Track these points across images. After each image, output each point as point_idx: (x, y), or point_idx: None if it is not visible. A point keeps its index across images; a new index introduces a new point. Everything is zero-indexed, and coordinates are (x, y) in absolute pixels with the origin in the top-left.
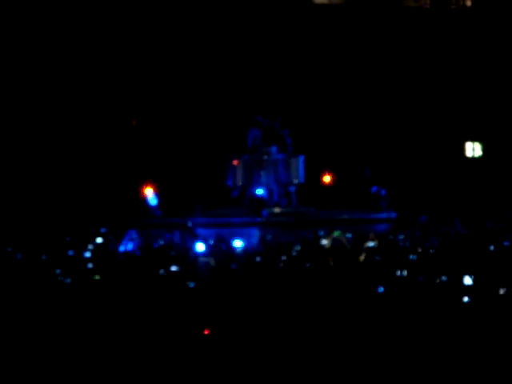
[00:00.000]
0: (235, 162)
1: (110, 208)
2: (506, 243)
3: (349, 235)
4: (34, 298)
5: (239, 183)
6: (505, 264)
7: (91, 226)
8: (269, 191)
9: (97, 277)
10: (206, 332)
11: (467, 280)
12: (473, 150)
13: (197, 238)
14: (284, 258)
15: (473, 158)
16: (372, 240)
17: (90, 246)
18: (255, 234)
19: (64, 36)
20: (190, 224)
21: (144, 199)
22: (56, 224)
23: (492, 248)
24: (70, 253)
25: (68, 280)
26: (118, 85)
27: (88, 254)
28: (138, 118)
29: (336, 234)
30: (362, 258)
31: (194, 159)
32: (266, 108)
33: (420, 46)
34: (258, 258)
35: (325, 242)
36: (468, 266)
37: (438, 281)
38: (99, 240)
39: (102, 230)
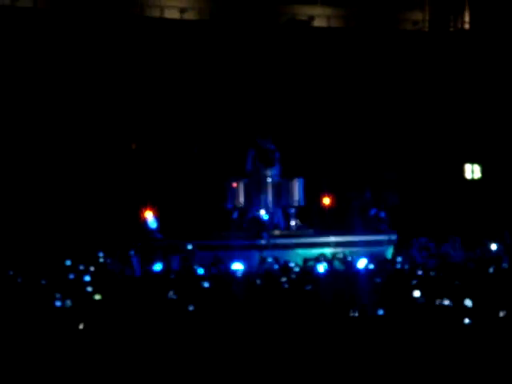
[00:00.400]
0: (235, 185)
1: (109, 231)
2: (504, 265)
3: (348, 257)
4: (34, 322)
5: (239, 205)
6: (504, 286)
7: (91, 250)
8: (269, 213)
9: (97, 296)
10: (207, 351)
11: (468, 302)
12: (472, 171)
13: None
14: (284, 279)
15: (472, 180)
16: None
17: (90, 269)
18: (255, 256)
19: (68, 65)
20: (190, 247)
21: (144, 222)
22: (56, 247)
23: (491, 270)
24: (71, 276)
25: (68, 303)
26: (118, 108)
27: (88, 278)
28: (138, 141)
29: (338, 255)
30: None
31: (194, 182)
32: (266, 130)
33: (418, 68)
34: (257, 281)
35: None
36: (468, 288)
37: (438, 303)
38: (99, 263)
39: (100, 254)
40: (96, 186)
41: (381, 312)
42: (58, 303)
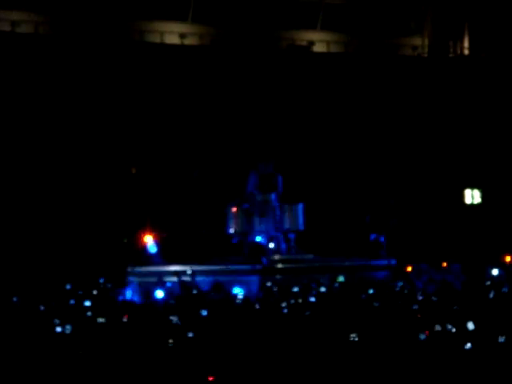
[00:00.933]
0: (234, 210)
1: (109, 256)
2: (504, 289)
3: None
4: (34, 348)
5: (239, 230)
6: (504, 311)
7: (90, 275)
8: (268, 238)
9: (101, 319)
10: (210, 378)
11: (469, 326)
12: (472, 197)
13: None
14: (284, 305)
15: (472, 205)
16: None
17: (90, 295)
18: (255, 281)
19: (69, 91)
20: (189, 271)
21: (143, 247)
22: (55, 272)
23: (492, 295)
24: (71, 302)
25: (68, 328)
26: (118, 133)
27: (88, 303)
28: (138, 166)
29: (339, 279)
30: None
31: (194, 207)
32: (266, 155)
33: (418, 94)
34: (257, 305)
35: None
36: (468, 314)
37: (439, 328)
38: (99, 288)
39: (101, 280)
40: (96, 210)
41: (382, 336)
42: (58, 329)
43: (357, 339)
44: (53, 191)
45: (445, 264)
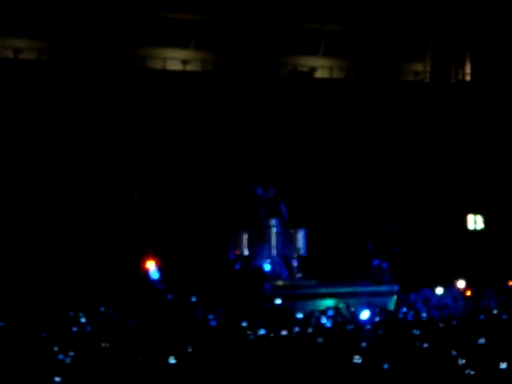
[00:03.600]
0: (237, 235)
1: (112, 282)
2: (504, 316)
3: (351, 308)
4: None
5: (241, 256)
6: (503, 337)
7: (93, 301)
8: (271, 264)
9: (105, 344)
10: None
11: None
12: (475, 222)
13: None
14: (285, 333)
15: (475, 231)
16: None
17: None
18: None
19: (71, 117)
20: (193, 299)
21: (146, 273)
22: (57, 298)
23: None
24: (74, 329)
25: (69, 355)
26: (120, 159)
27: (89, 328)
28: (140, 192)
29: (340, 305)
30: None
31: (196, 233)
32: (268, 181)
33: (420, 119)
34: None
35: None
36: (468, 340)
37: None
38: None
39: (101, 309)
40: (98, 236)
41: (385, 364)
42: (61, 356)
43: (360, 361)
44: (56, 218)
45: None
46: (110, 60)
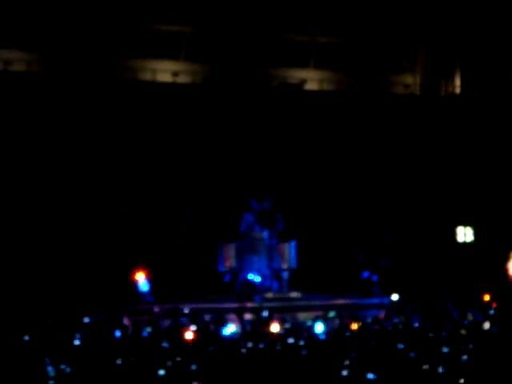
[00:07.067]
0: (226, 247)
1: (100, 293)
2: (494, 329)
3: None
4: None
5: (231, 268)
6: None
7: (81, 312)
8: (261, 276)
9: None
10: None
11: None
12: (464, 234)
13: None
14: (279, 347)
15: (464, 243)
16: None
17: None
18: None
19: (60, 129)
20: (186, 310)
21: (135, 284)
22: (45, 311)
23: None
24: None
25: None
26: (110, 171)
27: (77, 342)
28: (130, 204)
29: (330, 315)
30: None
31: (186, 244)
32: (259, 192)
33: (410, 132)
34: (249, 344)
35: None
36: (460, 352)
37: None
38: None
39: (87, 319)
40: (87, 248)
41: (371, 376)
42: (50, 368)
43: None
44: (45, 230)
45: (437, 302)
46: (99, 72)
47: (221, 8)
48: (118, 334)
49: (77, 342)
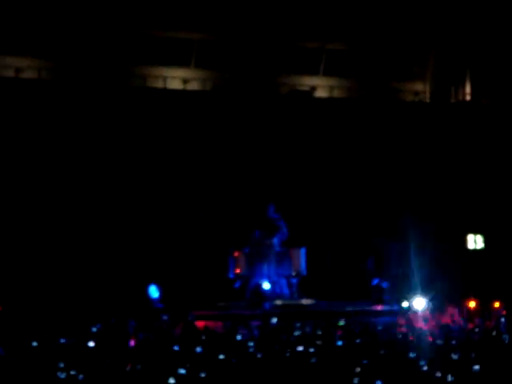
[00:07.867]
0: (236, 254)
1: (110, 300)
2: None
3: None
4: None
5: (241, 275)
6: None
7: (92, 319)
8: (271, 283)
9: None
10: None
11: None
12: (475, 242)
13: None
14: (288, 354)
15: (475, 251)
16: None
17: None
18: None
19: (71, 136)
20: (190, 318)
21: (145, 291)
22: (55, 319)
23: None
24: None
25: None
26: (122, 178)
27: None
28: (141, 211)
29: (340, 323)
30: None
31: (196, 251)
32: (268, 199)
33: (419, 139)
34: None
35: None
36: (468, 361)
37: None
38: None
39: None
40: (98, 255)
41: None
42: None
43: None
44: (55, 240)
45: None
46: (110, 79)
47: (230, 15)
48: (127, 340)
49: (88, 347)
